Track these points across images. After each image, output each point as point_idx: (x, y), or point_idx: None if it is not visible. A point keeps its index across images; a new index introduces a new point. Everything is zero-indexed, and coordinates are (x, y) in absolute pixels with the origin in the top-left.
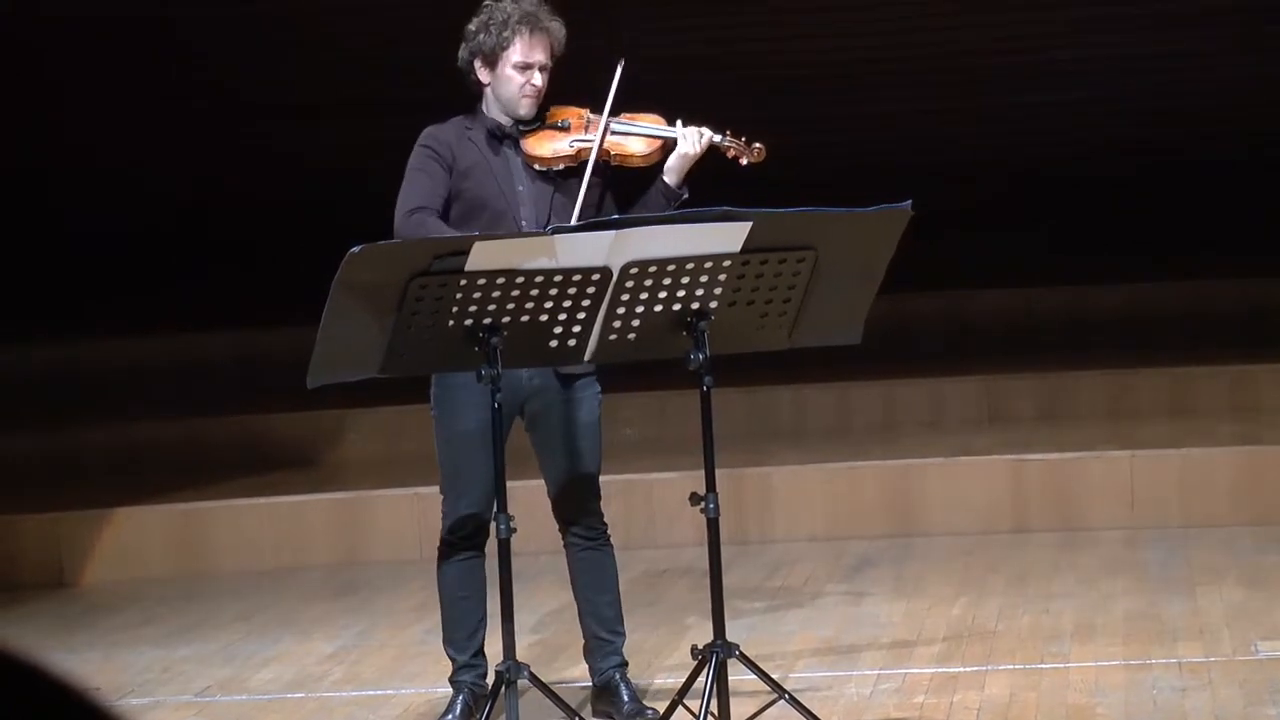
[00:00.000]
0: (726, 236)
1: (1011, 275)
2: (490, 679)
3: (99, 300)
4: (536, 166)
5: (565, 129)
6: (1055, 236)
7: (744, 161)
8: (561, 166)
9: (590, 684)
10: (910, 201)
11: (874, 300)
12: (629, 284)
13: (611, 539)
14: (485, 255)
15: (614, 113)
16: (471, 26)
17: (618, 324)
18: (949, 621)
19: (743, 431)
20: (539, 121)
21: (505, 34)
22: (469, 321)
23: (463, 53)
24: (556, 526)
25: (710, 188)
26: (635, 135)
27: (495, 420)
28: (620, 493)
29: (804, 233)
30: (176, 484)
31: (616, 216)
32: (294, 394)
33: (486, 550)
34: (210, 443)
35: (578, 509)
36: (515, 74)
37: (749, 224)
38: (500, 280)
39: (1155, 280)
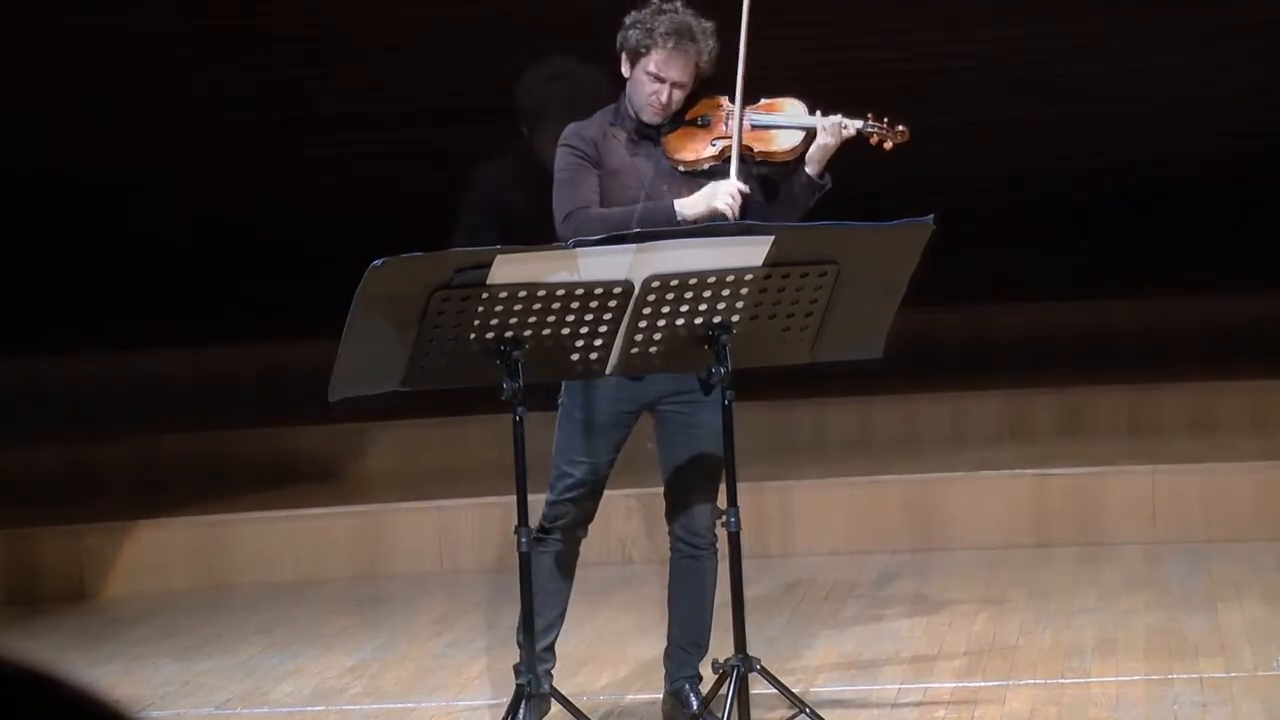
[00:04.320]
0: (748, 251)
1: (1032, 289)
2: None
3: (122, 314)
4: (681, 169)
5: (706, 125)
6: (1075, 249)
7: (889, 145)
8: (707, 167)
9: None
10: (933, 216)
11: (895, 314)
12: (651, 298)
13: (716, 550)
14: (507, 268)
15: (750, 101)
16: (628, 18)
17: (639, 338)
18: (970, 636)
19: (764, 446)
20: (679, 119)
21: (648, 40)
22: (490, 335)
23: (618, 38)
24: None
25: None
26: (777, 128)
27: (516, 434)
28: (641, 507)
29: (826, 247)
30: (198, 497)
31: (637, 229)
32: (316, 407)
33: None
34: (231, 456)
35: (686, 515)
36: (647, 81)
37: (770, 239)
38: (522, 294)
39: (1176, 294)
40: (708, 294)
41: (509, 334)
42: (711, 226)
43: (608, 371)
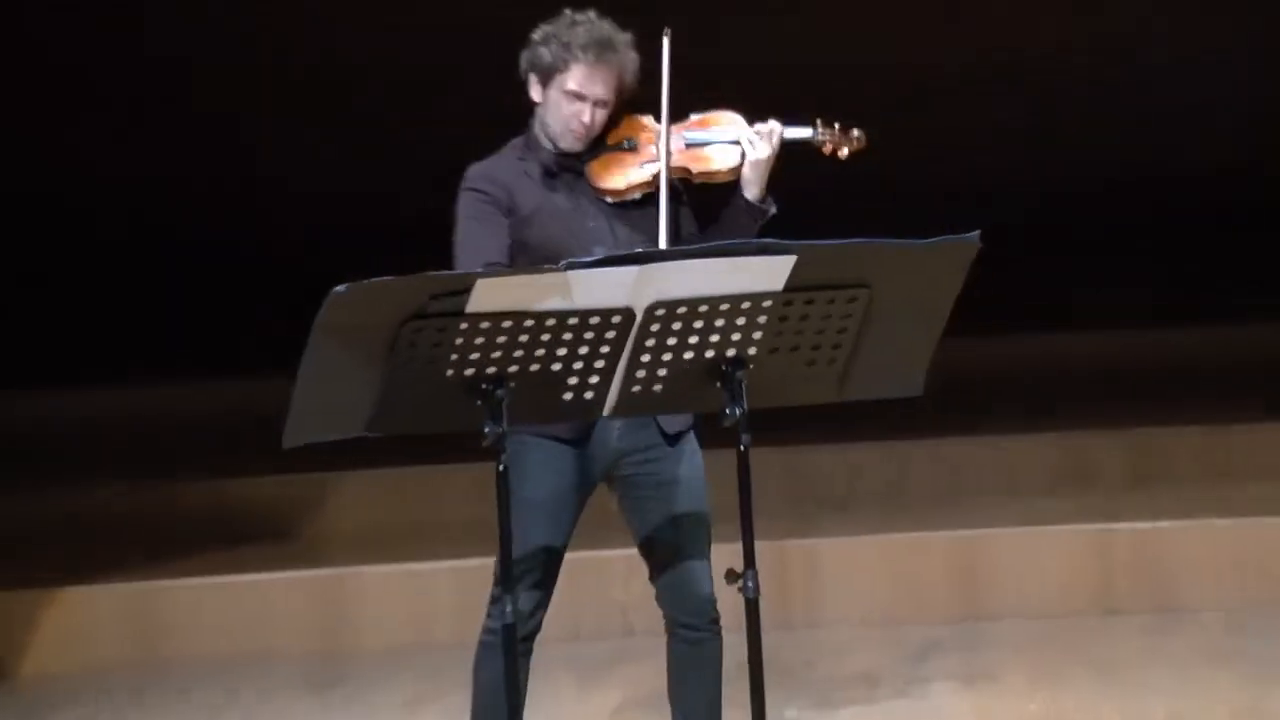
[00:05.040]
0: (767, 272)
1: (1094, 315)
2: None
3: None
4: (609, 200)
5: (633, 149)
6: (1142, 269)
7: (843, 154)
8: (639, 195)
9: None
10: (979, 232)
11: (936, 345)
12: (655, 327)
13: (719, 629)
14: (490, 295)
15: (678, 118)
16: (536, 34)
17: (642, 373)
18: (1024, 718)
19: (786, 497)
20: (600, 144)
21: (565, 55)
22: (470, 371)
23: (522, 59)
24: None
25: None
26: (715, 144)
27: (500, 486)
28: (641, 568)
29: (856, 268)
30: (133, 559)
31: (640, 250)
32: (270, 454)
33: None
34: (172, 510)
35: (678, 592)
36: (565, 102)
37: (793, 258)
38: (507, 324)
39: (1261, 319)
40: (720, 322)
41: (492, 370)
42: (724, 245)
43: (605, 412)
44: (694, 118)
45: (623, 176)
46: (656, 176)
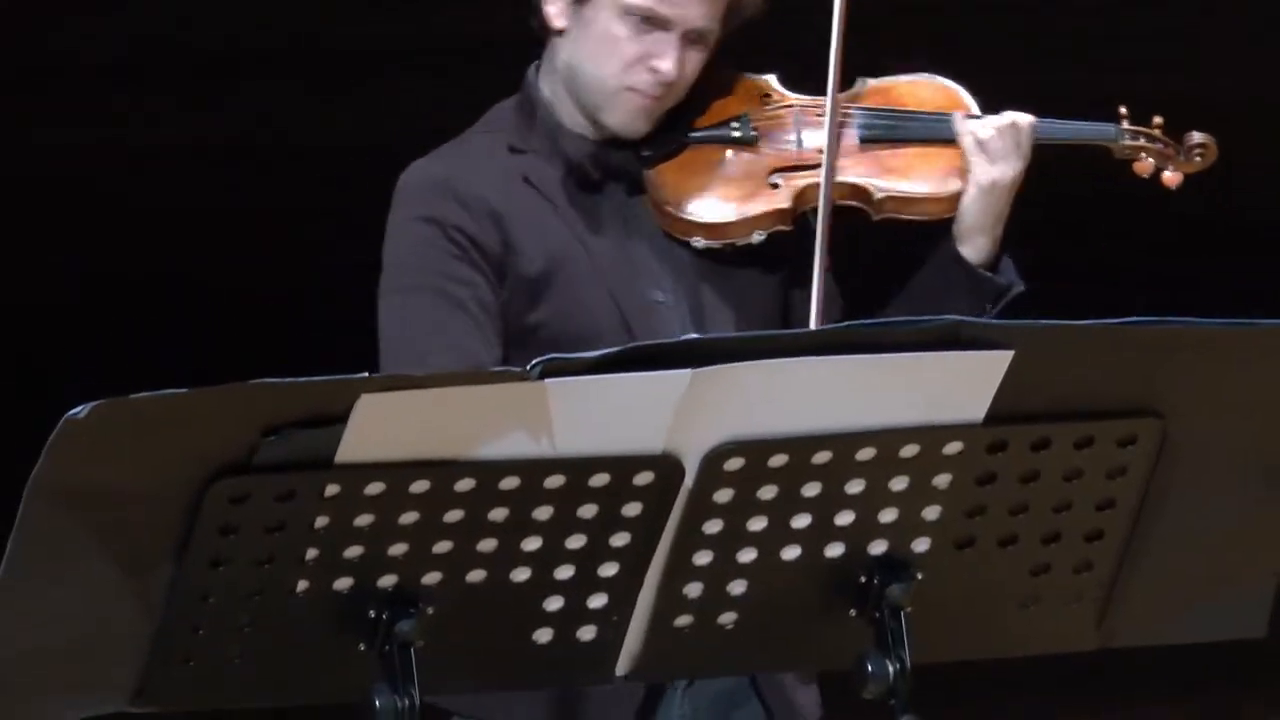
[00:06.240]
0: (954, 383)
1: None
2: None
3: None
4: (698, 242)
5: (750, 143)
6: None
7: (1172, 177)
8: (759, 237)
9: None
10: None
11: None
12: (724, 494)
13: None
14: (385, 426)
15: (844, 87)
16: None
17: (697, 591)
18: None
19: None
20: (681, 128)
21: None
22: (346, 583)
23: None
24: None
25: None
26: (918, 144)
27: None
28: None
29: (1138, 375)
30: None
31: (693, 336)
32: None
33: None
34: None
35: None
36: (625, 30)
37: (1008, 354)
38: (420, 486)
39: None
40: (859, 486)
41: (390, 580)
42: (858, 327)
43: (620, 671)
44: (870, 85)
45: (726, 195)
46: (801, 195)
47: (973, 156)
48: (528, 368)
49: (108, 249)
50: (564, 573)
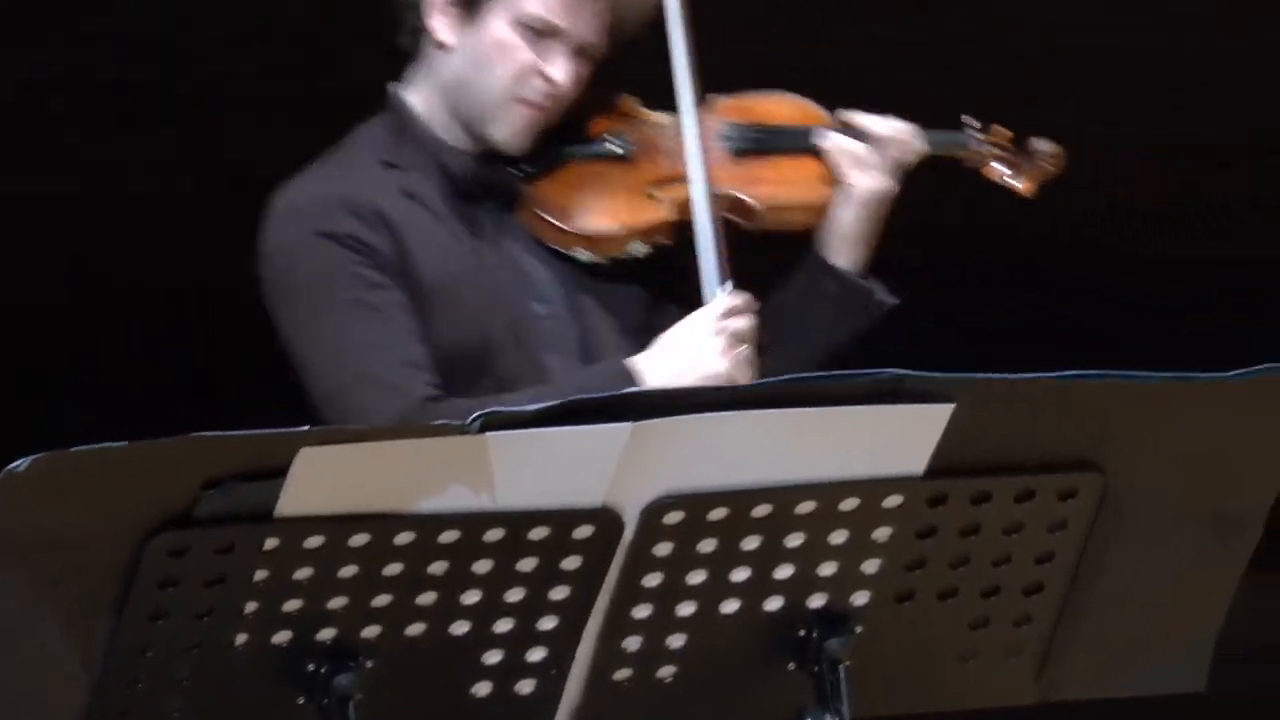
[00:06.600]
0: (893, 436)
1: None
2: None
3: None
4: (581, 253)
5: (627, 158)
6: None
7: (1022, 182)
8: (639, 250)
9: None
10: None
11: (1239, 588)
12: (664, 548)
13: None
14: (325, 477)
15: (703, 101)
16: None
17: (636, 644)
18: None
19: None
20: (560, 143)
21: None
22: (286, 636)
23: None
24: None
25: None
26: (788, 152)
27: None
28: None
29: (1079, 427)
30: None
31: (634, 390)
32: None
33: None
34: None
35: None
36: (515, 40)
37: (948, 407)
38: (363, 537)
39: None
40: (798, 540)
41: (330, 634)
42: (805, 380)
43: None
44: (728, 101)
45: (605, 210)
46: (683, 211)
47: (844, 166)
48: (468, 421)
49: (108, 249)
50: (503, 626)
